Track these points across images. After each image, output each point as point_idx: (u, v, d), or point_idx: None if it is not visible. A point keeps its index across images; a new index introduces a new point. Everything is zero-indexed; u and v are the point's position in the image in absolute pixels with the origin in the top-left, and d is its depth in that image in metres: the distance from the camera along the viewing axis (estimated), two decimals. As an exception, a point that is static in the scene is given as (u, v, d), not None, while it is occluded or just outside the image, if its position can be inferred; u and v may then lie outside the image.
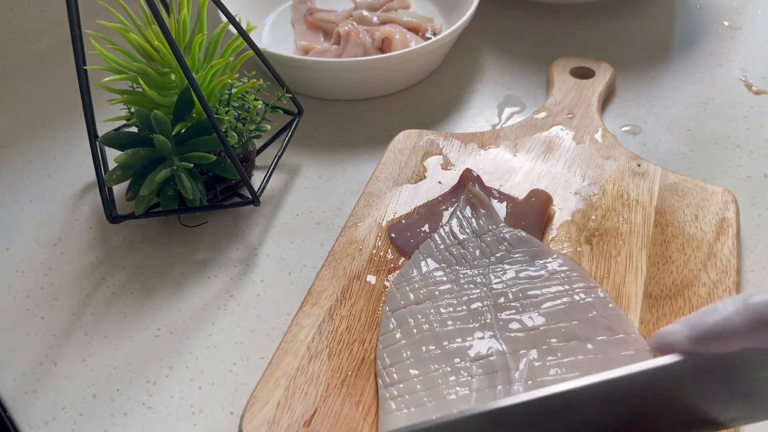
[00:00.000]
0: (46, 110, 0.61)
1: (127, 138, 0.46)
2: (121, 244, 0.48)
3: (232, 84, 0.48)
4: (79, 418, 0.39)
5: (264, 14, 0.69)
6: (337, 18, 0.67)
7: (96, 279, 0.46)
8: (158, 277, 0.46)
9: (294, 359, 0.38)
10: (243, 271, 0.46)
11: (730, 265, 0.42)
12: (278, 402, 0.36)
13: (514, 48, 0.66)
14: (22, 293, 0.45)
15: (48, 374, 0.41)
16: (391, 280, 0.42)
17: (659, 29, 0.68)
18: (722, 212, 0.45)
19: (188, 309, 0.44)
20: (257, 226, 0.49)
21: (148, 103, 0.46)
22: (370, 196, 0.48)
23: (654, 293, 0.41)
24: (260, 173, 0.52)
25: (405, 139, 0.53)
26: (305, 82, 0.59)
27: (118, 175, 0.45)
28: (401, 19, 0.65)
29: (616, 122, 0.57)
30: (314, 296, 0.41)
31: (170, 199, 0.46)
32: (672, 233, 0.44)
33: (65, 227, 0.50)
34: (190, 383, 0.40)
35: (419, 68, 0.61)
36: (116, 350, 0.42)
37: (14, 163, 0.56)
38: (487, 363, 0.36)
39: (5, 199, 0.53)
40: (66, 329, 0.43)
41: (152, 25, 0.45)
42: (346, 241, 0.45)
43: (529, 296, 0.39)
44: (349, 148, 0.55)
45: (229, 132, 0.46)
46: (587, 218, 0.45)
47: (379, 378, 0.37)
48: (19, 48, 0.67)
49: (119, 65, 0.46)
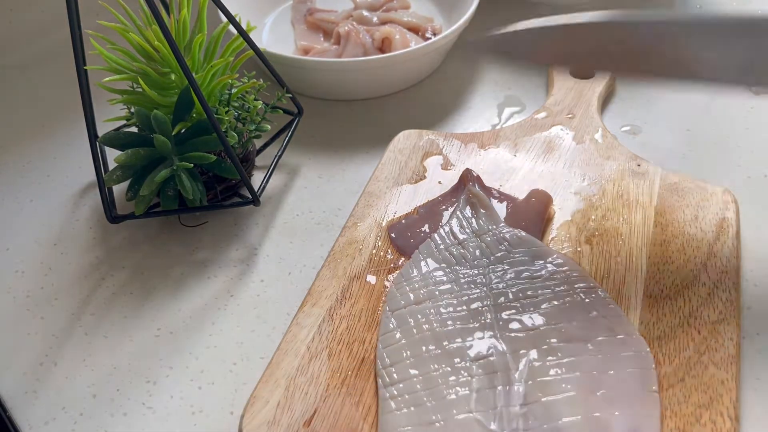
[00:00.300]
0: (46, 110, 0.61)
1: (127, 138, 0.46)
2: (121, 244, 0.48)
3: (232, 84, 0.48)
4: (79, 418, 0.39)
5: (264, 14, 0.69)
6: (337, 18, 0.67)
7: (96, 279, 0.46)
8: (158, 277, 0.46)
9: (294, 359, 0.38)
10: (243, 271, 0.46)
11: (730, 265, 0.42)
12: (278, 402, 0.36)
13: (514, 48, 0.66)
14: (22, 293, 0.45)
15: (48, 374, 0.41)
16: (391, 280, 0.42)
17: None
18: (722, 212, 0.45)
19: (188, 309, 0.44)
20: (257, 226, 0.49)
21: (148, 103, 0.46)
22: (370, 196, 0.48)
23: (654, 293, 0.41)
24: (260, 173, 0.52)
25: (405, 139, 0.53)
26: (305, 82, 0.59)
27: (118, 175, 0.45)
28: (401, 19, 0.65)
29: (616, 122, 0.57)
30: (314, 296, 0.41)
31: (170, 199, 0.46)
32: (672, 233, 0.44)
33: (65, 227, 0.50)
34: (190, 383, 0.40)
35: (419, 68, 0.61)
36: (116, 350, 0.42)
37: (14, 163, 0.56)
38: (487, 363, 0.36)
39: (5, 199, 0.53)
40: (66, 329, 0.43)
41: (152, 25, 0.45)
42: (346, 241, 0.45)
43: (529, 296, 0.39)
44: (349, 148, 0.55)
45: (229, 132, 0.46)
46: (587, 218, 0.45)
47: (378, 378, 0.37)
48: (19, 48, 0.68)
49: (119, 65, 0.46)
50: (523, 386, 0.35)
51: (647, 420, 0.34)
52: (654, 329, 0.39)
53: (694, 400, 0.35)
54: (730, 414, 0.34)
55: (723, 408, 0.35)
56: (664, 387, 0.36)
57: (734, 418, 0.34)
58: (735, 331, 0.38)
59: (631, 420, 0.34)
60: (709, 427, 0.34)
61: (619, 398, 0.34)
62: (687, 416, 0.35)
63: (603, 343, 0.37)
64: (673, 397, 0.35)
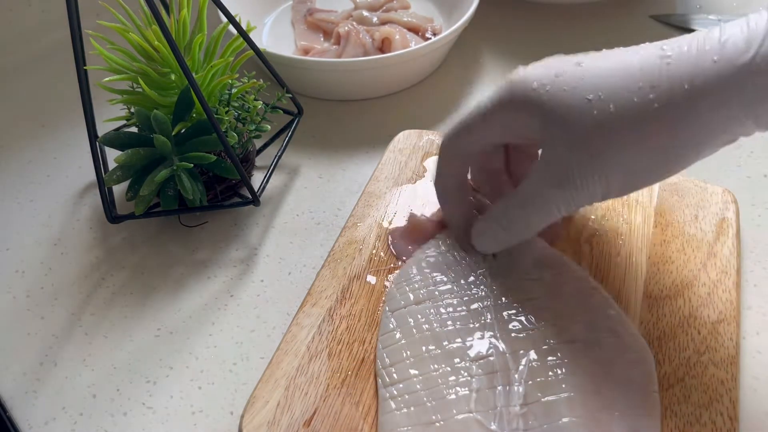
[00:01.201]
0: (46, 110, 0.61)
1: (127, 138, 0.46)
2: (121, 244, 0.48)
3: (232, 84, 0.48)
4: (79, 418, 0.39)
5: (264, 14, 0.69)
6: (337, 18, 0.67)
7: (96, 279, 0.46)
8: (158, 277, 0.46)
9: (294, 359, 0.38)
10: (243, 271, 0.46)
11: (730, 265, 0.42)
12: (278, 402, 0.36)
13: (514, 48, 0.66)
14: (22, 293, 0.45)
15: (48, 374, 0.41)
16: (391, 280, 0.42)
17: (659, 29, 0.68)
18: (722, 212, 0.45)
19: (188, 309, 0.44)
20: (257, 226, 0.49)
21: (148, 103, 0.46)
22: (370, 196, 0.48)
23: (654, 293, 0.41)
24: (260, 173, 0.52)
25: (405, 139, 0.53)
26: (305, 82, 0.59)
27: (118, 175, 0.45)
28: (401, 19, 0.65)
29: (616, 122, 0.57)
30: (314, 296, 0.41)
31: (170, 199, 0.46)
32: (672, 233, 0.44)
33: (65, 227, 0.50)
34: (190, 383, 0.40)
35: (419, 68, 0.61)
36: (116, 350, 0.42)
37: (14, 163, 0.56)
38: (487, 363, 0.36)
39: (5, 199, 0.53)
40: (66, 329, 0.43)
41: (152, 25, 0.45)
42: (346, 241, 0.45)
43: (529, 297, 0.39)
44: (349, 148, 0.55)
45: (229, 132, 0.46)
46: (587, 218, 0.45)
47: (378, 378, 0.37)
48: (19, 48, 0.68)
49: (119, 65, 0.46)
50: (523, 386, 0.35)
51: (647, 420, 0.34)
52: (654, 329, 0.39)
53: (694, 400, 0.35)
54: (730, 414, 0.34)
55: (723, 408, 0.35)
56: (664, 387, 0.36)
57: (734, 418, 0.34)
58: (735, 331, 0.38)
59: (631, 420, 0.34)
60: (709, 427, 0.34)
61: (619, 398, 0.34)
62: (687, 416, 0.35)
63: (604, 343, 0.37)
64: (673, 397, 0.35)
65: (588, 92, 0.32)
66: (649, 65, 0.31)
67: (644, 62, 0.31)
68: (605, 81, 0.32)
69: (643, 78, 0.31)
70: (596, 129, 0.32)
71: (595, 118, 0.32)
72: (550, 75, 0.34)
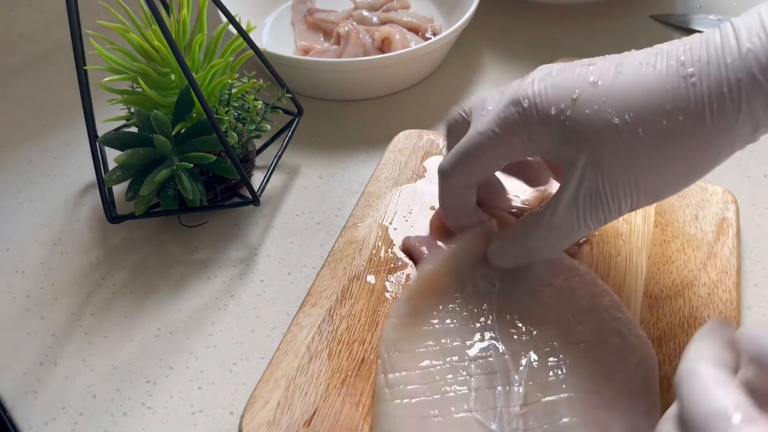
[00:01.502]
0: (46, 110, 0.61)
1: (127, 138, 0.46)
2: (121, 244, 0.48)
3: (232, 84, 0.48)
4: (79, 418, 0.39)
5: (264, 14, 0.69)
6: (337, 18, 0.67)
7: (96, 279, 0.46)
8: (158, 277, 0.46)
9: (294, 359, 0.38)
10: (243, 271, 0.46)
11: (730, 265, 0.42)
12: (278, 402, 0.36)
13: (514, 48, 0.66)
14: (22, 293, 0.45)
15: (48, 374, 0.41)
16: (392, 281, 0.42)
17: (659, 29, 0.68)
18: (722, 212, 0.45)
19: (188, 309, 0.44)
20: (257, 226, 0.49)
21: (148, 103, 0.46)
22: (370, 196, 0.48)
23: (654, 293, 0.41)
24: (260, 173, 0.52)
25: (405, 139, 0.53)
26: (305, 82, 0.59)
27: (118, 175, 0.46)
28: (401, 19, 0.65)
29: (616, 122, 0.57)
30: (314, 296, 0.41)
31: (170, 199, 0.46)
32: (672, 233, 0.44)
33: (65, 227, 0.50)
34: (190, 383, 0.40)
35: (419, 68, 0.61)
36: (116, 350, 0.42)
37: (14, 163, 0.56)
38: (486, 363, 0.36)
39: (5, 199, 0.53)
40: (66, 329, 0.43)
41: (152, 25, 0.45)
42: (346, 241, 0.45)
43: (532, 298, 0.39)
44: (349, 148, 0.55)
45: (229, 132, 0.46)
46: (587, 218, 0.45)
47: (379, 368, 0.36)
48: (19, 48, 0.68)
49: (119, 65, 0.46)
50: (523, 387, 0.35)
51: (647, 420, 0.34)
52: (654, 329, 0.39)
53: (694, 400, 0.35)
54: (730, 414, 0.34)
55: (723, 408, 0.35)
56: (664, 387, 0.36)
57: (734, 418, 0.34)
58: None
59: (631, 420, 0.33)
60: (709, 427, 0.34)
61: (619, 398, 0.34)
62: (687, 416, 0.34)
63: (608, 345, 0.37)
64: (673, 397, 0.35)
65: (613, 116, 0.32)
66: (672, 86, 0.31)
67: (666, 82, 0.31)
68: (629, 104, 0.31)
69: (669, 101, 0.31)
70: (627, 152, 0.32)
71: (625, 141, 0.32)
72: (567, 97, 0.33)
